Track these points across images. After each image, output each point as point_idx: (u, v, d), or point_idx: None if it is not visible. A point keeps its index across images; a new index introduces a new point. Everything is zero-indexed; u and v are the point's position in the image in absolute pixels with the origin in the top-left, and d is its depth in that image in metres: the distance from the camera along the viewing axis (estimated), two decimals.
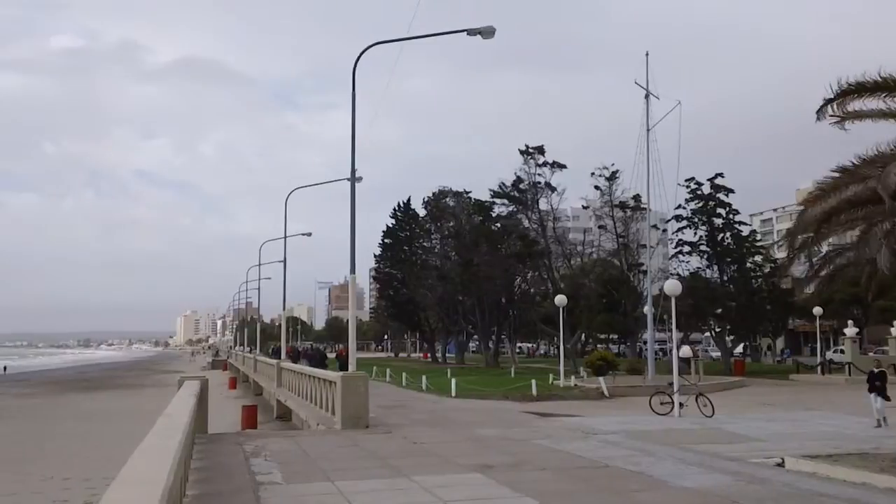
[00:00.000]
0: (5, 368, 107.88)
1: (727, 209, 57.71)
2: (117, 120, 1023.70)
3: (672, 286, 24.87)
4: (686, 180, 56.72)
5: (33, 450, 27.73)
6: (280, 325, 75.59)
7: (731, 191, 57.56)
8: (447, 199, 79.16)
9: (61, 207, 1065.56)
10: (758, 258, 60.14)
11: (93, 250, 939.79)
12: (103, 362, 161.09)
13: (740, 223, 59.43)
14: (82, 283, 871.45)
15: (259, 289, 79.32)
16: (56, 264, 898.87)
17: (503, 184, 63.28)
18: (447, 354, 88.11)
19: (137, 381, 79.66)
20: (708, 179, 57.65)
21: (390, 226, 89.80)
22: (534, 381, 34.07)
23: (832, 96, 15.20)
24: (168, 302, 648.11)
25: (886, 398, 19.70)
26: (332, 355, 58.11)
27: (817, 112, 15.62)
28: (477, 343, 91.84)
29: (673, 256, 60.41)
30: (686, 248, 58.34)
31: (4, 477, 21.40)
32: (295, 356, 36.43)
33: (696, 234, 58.01)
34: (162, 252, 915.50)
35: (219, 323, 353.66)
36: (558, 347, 47.96)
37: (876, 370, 20.39)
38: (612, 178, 59.54)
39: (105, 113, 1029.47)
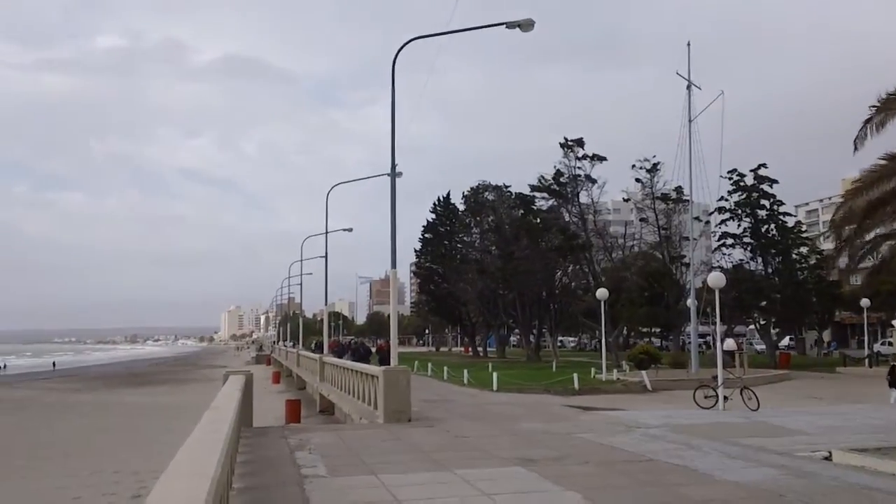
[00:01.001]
0: (54, 364, 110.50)
1: (771, 200, 56.83)
2: (161, 118, 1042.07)
3: (716, 279, 24.55)
4: (729, 171, 56.01)
5: (83, 444, 28.35)
6: (322, 319, 76.28)
7: (775, 181, 56.67)
8: (487, 194, 79.10)
9: (107, 205, 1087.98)
10: (803, 249, 59.23)
11: (139, 247, 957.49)
12: (150, 358, 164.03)
13: (785, 214, 58.50)
14: (129, 279, 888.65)
15: (301, 284, 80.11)
16: (103, 262, 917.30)
17: (543, 177, 63.03)
18: (488, 349, 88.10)
19: (183, 376, 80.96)
20: (751, 170, 56.85)
21: (430, 220, 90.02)
22: (575, 375, 33.95)
23: (872, 113, 14.94)
24: (212, 298, 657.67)
25: None
26: (372, 349, 58.37)
27: (855, 142, 15.34)
28: (518, 337, 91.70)
29: (716, 249, 59.66)
30: (729, 241, 57.61)
31: (56, 471, 21.92)
32: (340, 351, 36.70)
33: (739, 225, 57.30)
34: (206, 248, 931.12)
35: (262, 318, 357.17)
36: (600, 341, 47.65)
37: (892, 364, 19.64)
38: (654, 170, 58.94)
39: (149, 112, 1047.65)
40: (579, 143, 60.20)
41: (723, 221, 58.01)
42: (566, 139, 60.48)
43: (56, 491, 19.10)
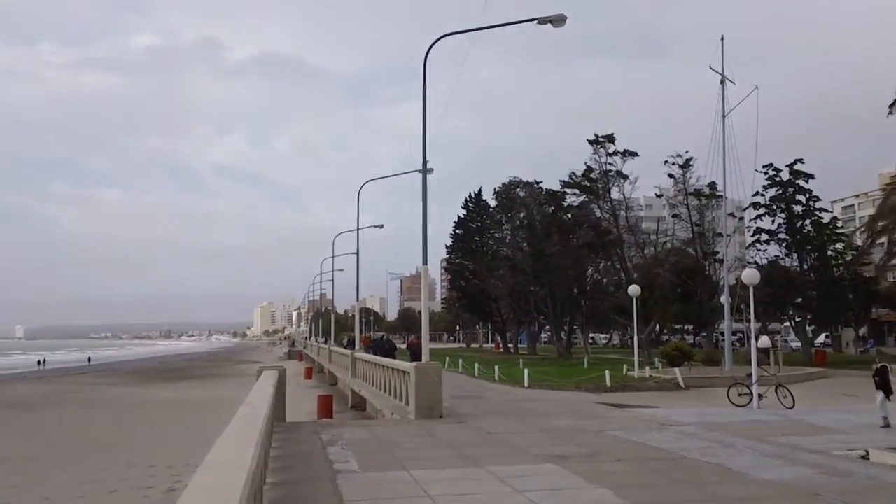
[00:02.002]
0: (90, 359, 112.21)
1: (807, 196, 56.05)
2: (196, 115, 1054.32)
3: (750, 275, 24.29)
4: (763, 166, 55.33)
5: (119, 438, 28.75)
6: (353, 316, 76.61)
7: (811, 176, 55.89)
8: (518, 190, 78.90)
9: (144, 202, 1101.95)
10: (839, 246, 58.33)
11: (174, 243, 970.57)
12: (184, 353, 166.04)
13: (821, 210, 57.65)
14: (164, 275, 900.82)
15: (333, 280, 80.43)
16: (139, 258, 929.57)
17: (573, 173, 62.76)
18: (519, 345, 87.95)
19: (217, 371, 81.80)
20: (786, 165, 56.11)
21: (461, 217, 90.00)
22: (607, 372, 33.79)
23: None
24: (245, 293, 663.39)
25: (888, 395, 18.05)
26: (402, 346, 58.57)
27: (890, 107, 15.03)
28: (549, 334, 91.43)
29: (750, 245, 59.00)
30: (764, 237, 56.94)
31: (92, 464, 22.26)
32: (376, 348, 36.89)
33: (774, 221, 56.61)
34: (239, 244, 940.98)
35: (294, 314, 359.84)
36: (632, 338, 47.37)
37: (877, 365, 18.75)
38: (687, 165, 58.43)
39: (185, 109, 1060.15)
40: (610, 138, 59.84)
41: (757, 217, 57.36)
42: (596, 135, 60.16)
43: (93, 484, 19.40)
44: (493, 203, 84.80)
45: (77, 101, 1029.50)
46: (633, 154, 59.66)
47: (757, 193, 55.31)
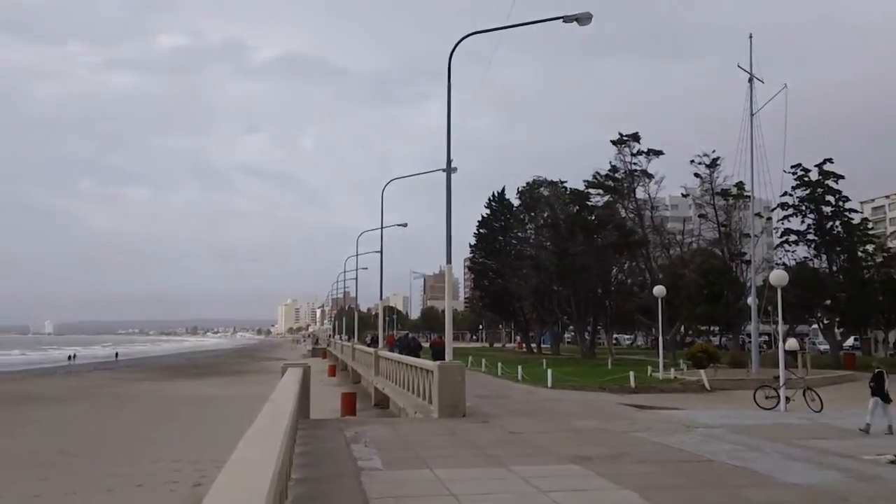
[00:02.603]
0: (117, 355, 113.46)
1: (836, 196, 55.40)
2: (221, 115, 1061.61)
3: (778, 276, 24.04)
4: (792, 167, 54.80)
5: (145, 433, 29.03)
6: (376, 314, 76.84)
7: (841, 177, 55.23)
8: (541, 189, 78.75)
9: (170, 200, 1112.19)
10: (869, 247, 57.59)
11: (200, 241, 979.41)
12: (210, 349, 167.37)
13: (850, 211, 56.98)
14: (190, 272, 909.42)
15: (357, 278, 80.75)
16: (166, 255, 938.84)
17: (598, 173, 62.52)
18: (542, 345, 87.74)
19: (242, 368, 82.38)
20: (816, 165, 55.52)
21: (485, 216, 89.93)
22: (632, 373, 33.60)
23: None
24: (270, 291, 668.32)
25: (887, 401, 17.37)
26: (425, 344, 58.64)
27: None
28: (572, 334, 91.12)
29: (778, 246, 58.43)
30: (792, 237, 56.36)
31: (119, 459, 22.49)
32: (401, 346, 36.98)
33: (802, 222, 56.07)
34: (264, 243, 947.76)
35: (318, 312, 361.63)
36: (656, 339, 47.10)
37: (875, 370, 18.04)
38: (714, 165, 58.04)
39: (210, 108, 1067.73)
40: (635, 137, 59.52)
41: (785, 217, 56.78)
42: (620, 135, 59.88)
43: (120, 478, 19.60)
44: (516, 202, 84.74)
45: (104, 101, 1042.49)
46: (659, 153, 59.32)
47: (785, 194, 54.85)
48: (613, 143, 59.92)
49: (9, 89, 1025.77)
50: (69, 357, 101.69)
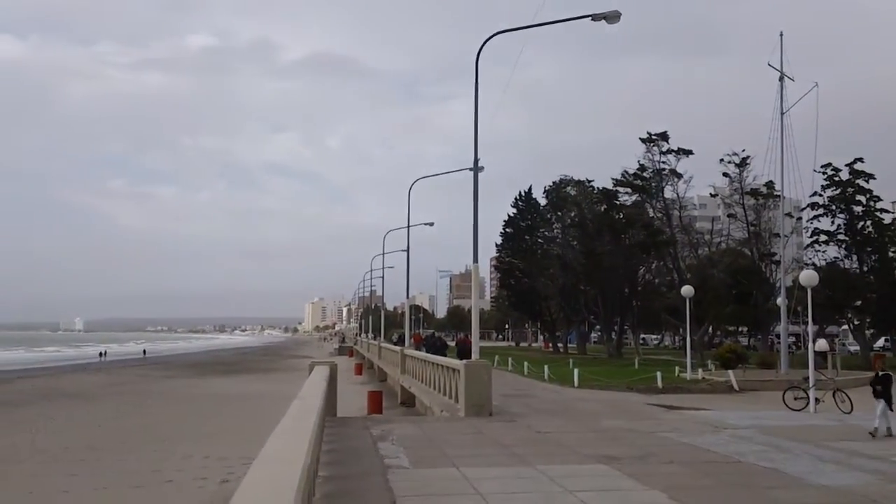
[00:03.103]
0: (145, 352, 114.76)
1: (867, 196, 54.58)
2: (250, 114, 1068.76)
3: (808, 277, 23.75)
4: (822, 166, 54.01)
5: (174, 429, 29.34)
6: (402, 312, 77.06)
7: (872, 176, 54.41)
8: (568, 188, 78.45)
9: (199, 199, 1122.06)
10: None
11: (228, 240, 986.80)
12: (237, 347, 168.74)
13: (882, 211, 56.06)
14: (218, 271, 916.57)
15: (383, 277, 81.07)
16: (195, 253, 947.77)
17: (626, 172, 62.09)
18: (568, 344, 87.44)
19: (269, 366, 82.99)
20: (846, 164, 54.72)
21: (511, 215, 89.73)
22: (659, 373, 33.38)
23: None
24: (297, 289, 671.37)
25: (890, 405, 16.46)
26: (451, 343, 58.73)
27: None
28: (599, 334, 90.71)
29: (808, 246, 57.70)
30: (822, 237, 55.64)
31: (149, 455, 22.74)
32: (429, 345, 37.15)
33: (833, 222, 55.29)
34: (291, 241, 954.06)
35: (344, 310, 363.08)
36: (684, 339, 46.74)
37: (880, 373, 17.29)
38: (743, 164, 57.44)
39: (238, 108, 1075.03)
40: (663, 136, 59.09)
41: (815, 217, 56.05)
42: (649, 133, 59.46)
43: (150, 474, 19.83)
44: (543, 201, 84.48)
45: (134, 101, 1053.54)
46: (688, 152, 58.79)
47: (815, 193, 54.11)
48: (642, 141, 59.52)
49: (43, 89, 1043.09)
50: (100, 354, 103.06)
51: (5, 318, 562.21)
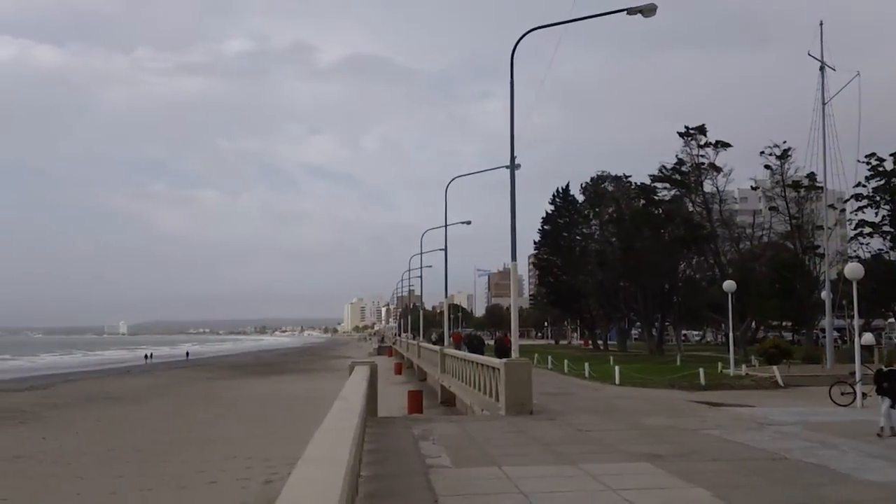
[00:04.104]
0: (188, 354, 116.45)
1: None
2: (287, 117, 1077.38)
3: (854, 269, 23.31)
4: (866, 156, 53.08)
5: (217, 430, 29.71)
6: (441, 312, 77.17)
7: None
8: (606, 184, 77.96)
9: (239, 202, 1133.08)
10: None
11: (267, 242, 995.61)
12: (278, 348, 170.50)
13: None
14: (258, 272, 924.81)
15: (421, 277, 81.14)
16: (234, 256, 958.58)
17: (664, 166, 61.58)
18: (608, 342, 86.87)
19: (310, 366, 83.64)
20: (890, 154, 53.73)
21: (549, 212, 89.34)
22: (701, 370, 33.01)
23: None
24: (336, 290, 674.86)
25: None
26: (489, 342, 58.68)
27: None
28: (639, 330, 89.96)
29: (852, 238, 56.72)
30: (867, 229, 54.64)
31: (192, 456, 23.06)
32: (469, 344, 37.15)
33: (877, 213, 54.32)
34: (329, 242, 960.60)
35: (383, 310, 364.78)
36: (726, 335, 46.16)
37: (885, 368, 16.47)
38: (784, 156, 56.59)
39: (276, 110, 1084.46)
40: (701, 130, 58.46)
41: (859, 209, 55.08)
42: (686, 127, 58.87)
43: (194, 475, 20.10)
44: (580, 198, 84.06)
45: (174, 105, 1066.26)
46: (726, 145, 58.11)
47: (859, 184, 53.13)
48: (680, 135, 58.95)
49: (84, 95, 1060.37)
50: (145, 356, 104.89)
51: (52, 322, 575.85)
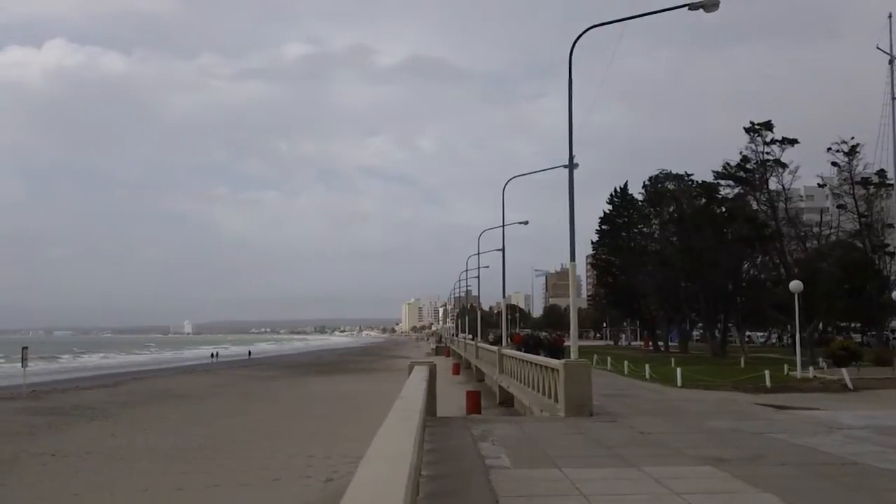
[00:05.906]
0: (250, 353, 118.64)
1: None
2: (344, 119, 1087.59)
3: None
4: None
5: (279, 428, 30.16)
6: (498, 312, 77.05)
7: None
8: (667, 183, 76.87)
9: (297, 203, 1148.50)
10: None
11: (326, 242, 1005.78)
12: (337, 348, 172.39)
13: None
14: (317, 273, 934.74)
15: (478, 277, 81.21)
16: (294, 257, 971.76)
17: (728, 164, 60.34)
18: (669, 343, 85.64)
19: (369, 366, 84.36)
20: None
21: (607, 212, 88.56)
22: (767, 372, 32.30)
23: None
24: (393, 290, 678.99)
25: None
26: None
27: None
28: (701, 332, 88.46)
29: None
30: None
31: (255, 454, 23.44)
32: (530, 345, 37.11)
33: None
34: (387, 243, 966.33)
35: (440, 310, 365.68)
36: (792, 336, 45.09)
37: None
38: (853, 152, 55.05)
39: (334, 113, 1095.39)
40: (767, 126, 57.15)
41: None
42: (752, 123, 57.59)
43: (258, 472, 20.45)
44: (639, 197, 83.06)
45: (235, 110, 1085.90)
46: (793, 142, 56.69)
47: None
48: (746, 131, 57.69)
49: (150, 101, 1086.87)
50: (211, 355, 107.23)
51: (121, 322, 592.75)
